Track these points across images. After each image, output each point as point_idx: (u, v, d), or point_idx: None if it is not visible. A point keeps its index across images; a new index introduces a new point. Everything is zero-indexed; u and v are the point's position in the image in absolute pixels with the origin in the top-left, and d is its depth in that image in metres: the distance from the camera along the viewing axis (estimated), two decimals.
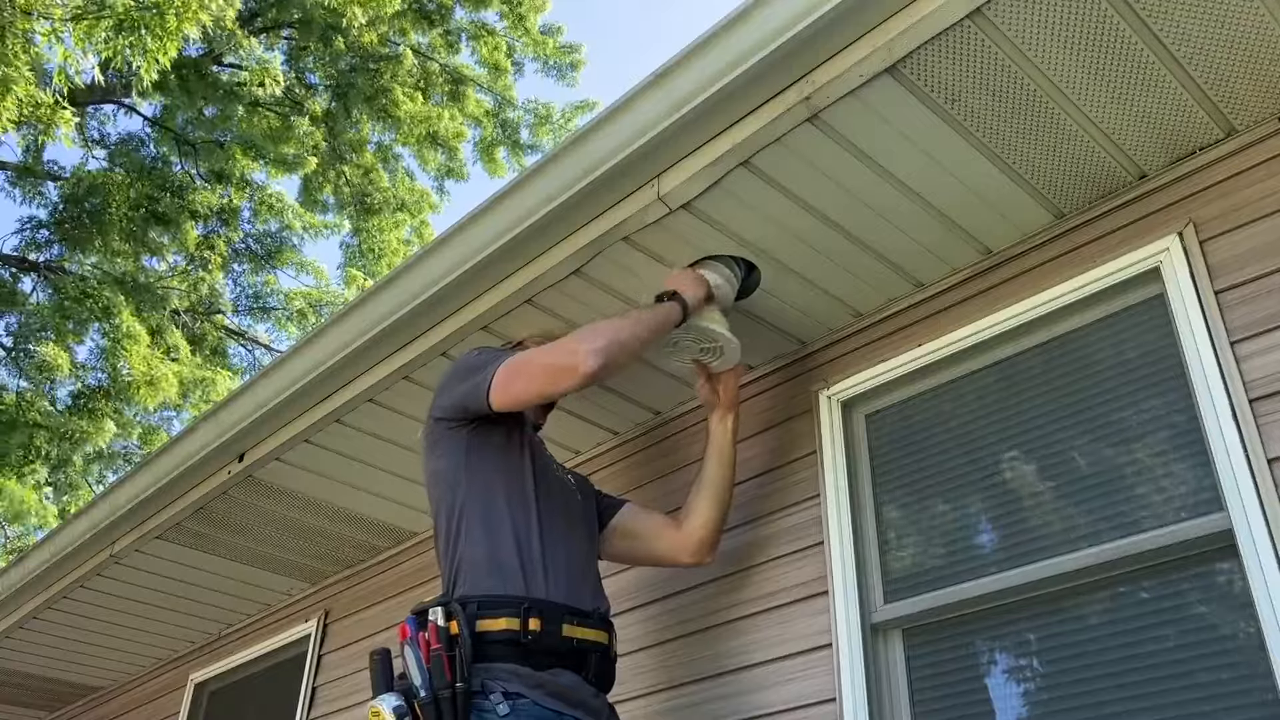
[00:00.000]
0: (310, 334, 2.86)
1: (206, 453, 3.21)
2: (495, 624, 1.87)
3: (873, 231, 2.30)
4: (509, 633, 1.87)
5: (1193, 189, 2.11)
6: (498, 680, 1.82)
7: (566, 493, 2.26)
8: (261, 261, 12.46)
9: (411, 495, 3.38)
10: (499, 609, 1.89)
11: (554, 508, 2.14)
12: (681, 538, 2.34)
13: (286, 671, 4.11)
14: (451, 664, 1.81)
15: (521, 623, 1.88)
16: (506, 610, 1.89)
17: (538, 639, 1.88)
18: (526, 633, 1.87)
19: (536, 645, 1.88)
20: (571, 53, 13.27)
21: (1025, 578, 2.07)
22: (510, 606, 1.90)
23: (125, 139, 11.33)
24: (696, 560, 2.36)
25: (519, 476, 2.11)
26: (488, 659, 1.85)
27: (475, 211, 2.42)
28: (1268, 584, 1.73)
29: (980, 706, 2.10)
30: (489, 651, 1.85)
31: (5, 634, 4.50)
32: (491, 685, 1.81)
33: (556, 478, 2.27)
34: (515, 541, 2.00)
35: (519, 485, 2.10)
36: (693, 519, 2.34)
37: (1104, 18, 1.81)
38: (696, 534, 2.33)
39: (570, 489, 2.30)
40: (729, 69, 1.94)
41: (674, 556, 2.37)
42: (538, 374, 2.04)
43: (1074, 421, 2.15)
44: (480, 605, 1.90)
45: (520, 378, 2.05)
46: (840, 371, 2.58)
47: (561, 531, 2.11)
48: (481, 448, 2.11)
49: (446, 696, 1.77)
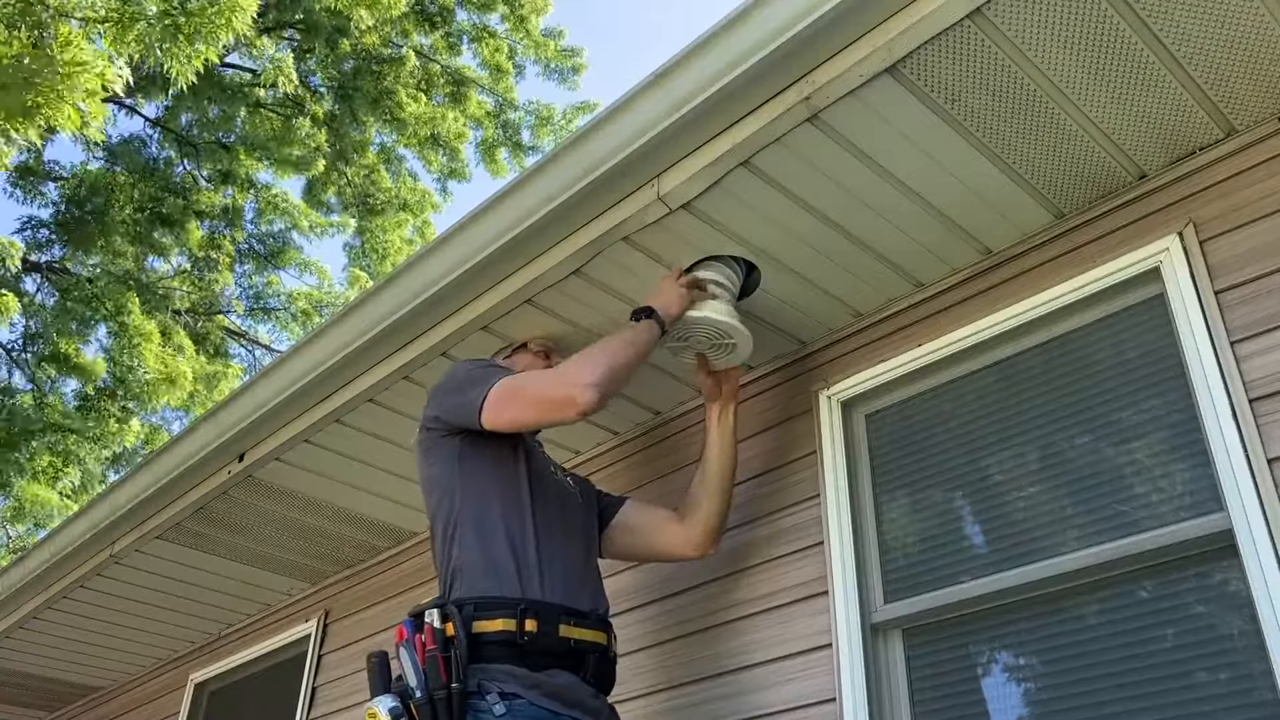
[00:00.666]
0: (310, 334, 2.86)
1: (206, 453, 3.21)
2: (491, 625, 1.88)
3: (873, 231, 2.30)
4: (505, 633, 1.87)
5: (1193, 189, 2.11)
6: (494, 681, 1.82)
7: (564, 495, 2.26)
8: (265, 262, 12.47)
9: (411, 495, 3.38)
10: (495, 610, 1.89)
11: (550, 511, 2.14)
12: (685, 531, 2.34)
13: (286, 671, 4.11)
14: (447, 665, 1.81)
15: (518, 623, 1.88)
16: (503, 611, 1.89)
17: (534, 640, 1.88)
18: (523, 633, 1.87)
19: (533, 646, 1.88)
20: (573, 56, 13.29)
21: (1025, 578, 2.07)
22: (506, 608, 1.90)
23: (128, 139, 11.35)
24: (700, 553, 2.36)
25: (514, 481, 2.11)
26: (484, 660, 1.85)
27: (475, 211, 2.42)
28: (1268, 584, 1.73)
29: (980, 706, 2.10)
30: (485, 652, 1.85)
31: (5, 634, 4.50)
32: (487, 686, 1.81)
33: (554, 480, 2.26)
34: (510, 545, 2.00)
35: (514, 490, 2.10)
36: (697, 512, 2.34)
37: (1104, 18, 1.81)
38: (701, 526, 2.33)
39: (569, 491, 2.30)
40: (729, 69, 1.95)
41: (678, 550, 2.37)
42: (532, 404, 2.04)
43: (1074, 421, 2.15)
44: (476, 607, 1.90)
45: (515, 404, 2.04)
46: (840, 371, 2.58)
47: (558, 534, 2.11)
48: (475, 454, 2.11)
49: (442, 697, 1.78)
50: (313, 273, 12.80)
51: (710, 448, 2.40)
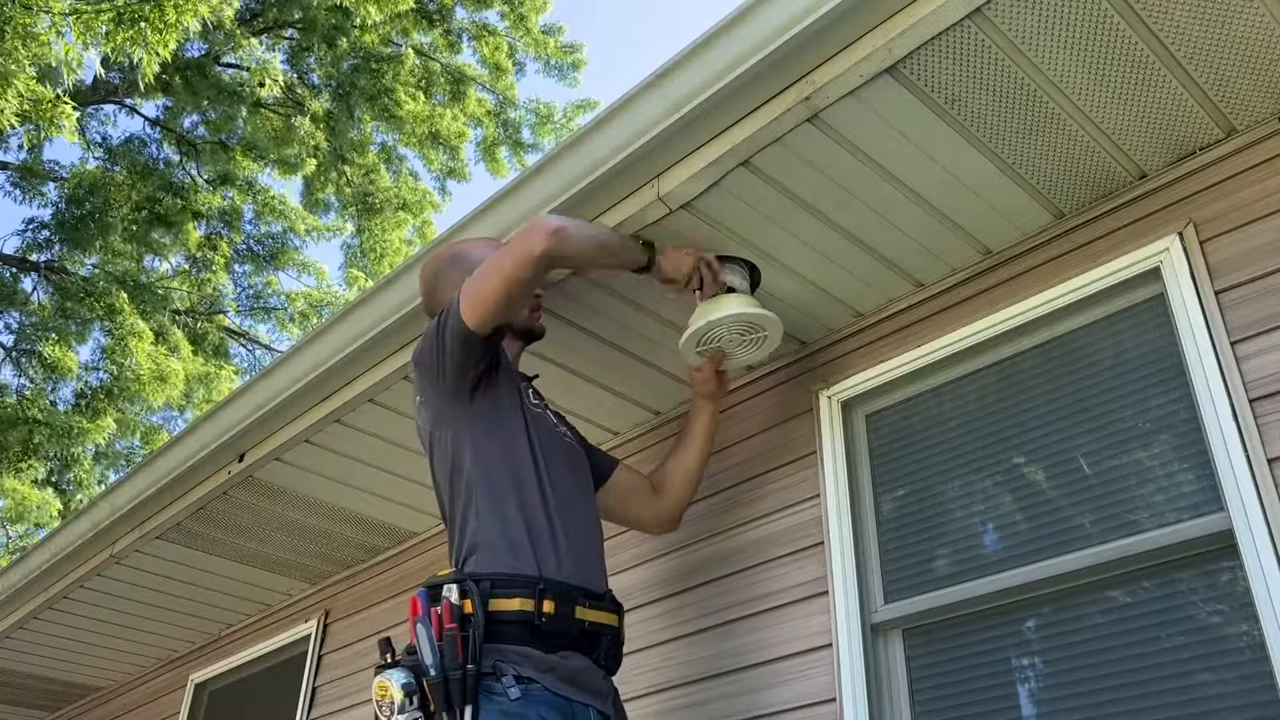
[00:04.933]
0: (310, 334, 2.86)
1: (207, 453, 3.21)
2: (509, 604, 1.84)
3: (873, 231, 2.30)
4: (522, 614, 1.83)
5: (1193, 189, 2.11)
6: (509, 663, 1.79)
7: (571, 454, 2.20)
8: (263, 262, 12.46)
9: (411, 495, 3.38)
10: (513, 589, 1.85)
11: (561, 474, 2.08)
12: (661, 511, 2.43)
13: (287, 672, 4.11)
14: (465, 644, 1.77)
15: (535, 604, 1.84)
16: (521, 590, 1.85)
17: (551, 621, 1.85)
18: (540, 614, 1.84)
19: (549, 627, 1.85)
20: (573, 52, 13.27)
21: (1025, 578, 2.07)
22: (525, 587, 1.86)
23: (127, 140, 11.35)
24: (666, 531, 2.52)
25: (525, 451, 2.04)
26: (499, 640, 1.81)
27: (476, 211, 2.42)
28: (1268, 584, 1.73)
29: (980, 707, 2.10)
30: (501, 632, 1.82)
31: (5, 634, 4.50)
32: (503, 667, 1.78)
33: (563, 443, 2.20)
34: (525, 516, 1.95)
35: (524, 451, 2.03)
36: (671, 497, 2.42)
37: (1104, 18, 1.81)
38: (675, 512, 2.44)
39: (574, 449, 2.24)
40: (729, 69, 1.94)
41: (648, 524, 2.48)
42: (497, 268, 1.97)
43: (1074, 422, 2.15)
44: (494, 584, 1.85)
45: (481, 280, 1.97)
46: (840, 371, 2.58)
47: (571, 501, 2.06)
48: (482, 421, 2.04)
49: (457, 677, 1.74)
50: (311, 273, 12.81)
51: (693, 441, 2.41)
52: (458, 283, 2.09)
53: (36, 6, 6.37)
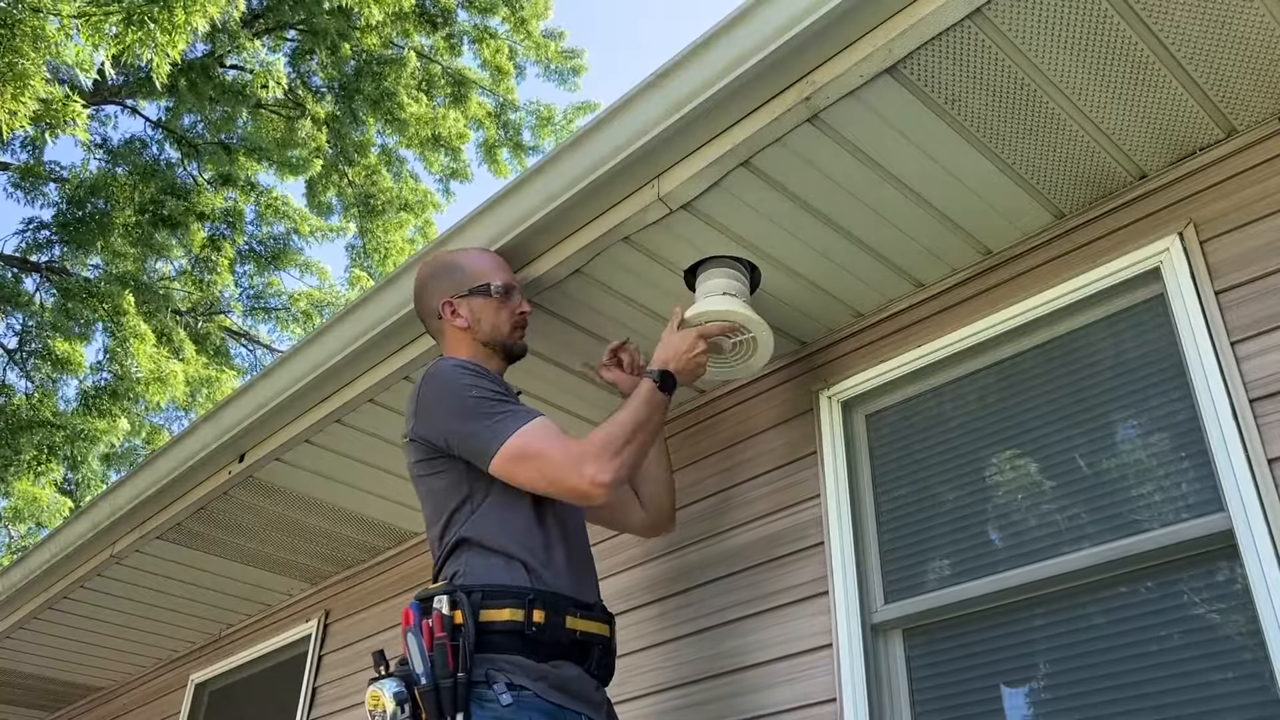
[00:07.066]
0: (311, 334, 2.86)
1: (207, 453, 3.21)
2: (499, 615, 1.86)
3: (873, 231, 2.30)
4: (513, 623, 1.85)
5: (1193, 189, 2.11)
6: (501, 671, 1.81)
7: None
8: (266, 263, 12.47)
9: (412, 495, 3.34)
10: (502, 599, 1.87)
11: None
12: (650, 521, 2.46)
13: (287, 672, 4.11)
14: (455, 653, 1.79)
15: (525, 614, 1.86)
16: (510, 601, 1.87)
17: (541, 630, 1.87)
18: (531, 624, 1.86)
19: (540, 637, 1.87)
20: (574, 57, 13.28)
21: (1025, 578, 2.07)
22: (515, 597, 1.88)
23: (129, 141, 11.36)
24: (663, 534, 2.56)
25: None
26: (490, 649, 1.83)
27: (476, 211, 2.42)
28: (1268, 584, 1.73)
29: (980, 707, 2.10)
30: (492, 642, 1.83)
31: (5, 634, 4.50)
32: (494, 675, 1.80)
33: None
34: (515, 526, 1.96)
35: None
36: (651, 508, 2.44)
37: (1104, 18, 1.81)
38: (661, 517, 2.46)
39: None
40: (729, 69, 1.94)
41: (645, 532, 2.50)
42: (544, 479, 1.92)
43: (1074, 422, 2.15)
44: (485, 595, 1.87)
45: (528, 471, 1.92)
46: (840, 371, 2.58)
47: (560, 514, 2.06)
48: None
49: (448, 685, 1.76)
50: (314, 273, 12.81)
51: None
52: (445, 292, 2.20)
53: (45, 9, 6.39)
